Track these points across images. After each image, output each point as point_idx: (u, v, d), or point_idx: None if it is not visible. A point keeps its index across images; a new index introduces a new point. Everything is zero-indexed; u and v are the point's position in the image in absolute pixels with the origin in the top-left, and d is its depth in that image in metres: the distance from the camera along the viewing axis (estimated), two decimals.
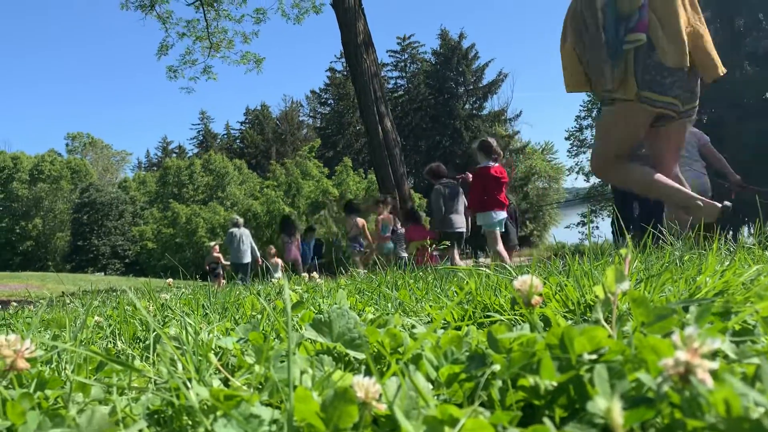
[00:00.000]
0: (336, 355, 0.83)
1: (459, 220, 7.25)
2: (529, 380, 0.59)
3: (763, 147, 19.46)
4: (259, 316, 1.26)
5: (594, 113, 38.61)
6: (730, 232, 2.57)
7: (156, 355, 0.96)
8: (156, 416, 0.68)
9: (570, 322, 0.92)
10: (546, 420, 0.50)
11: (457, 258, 6.97)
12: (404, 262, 2.91)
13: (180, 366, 0.77)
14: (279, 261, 11.06)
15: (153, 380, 0.78)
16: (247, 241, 11.08)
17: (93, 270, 43.42)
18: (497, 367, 0.63)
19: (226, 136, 61.17)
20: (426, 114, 45.93)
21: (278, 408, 0.64)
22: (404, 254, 8.20)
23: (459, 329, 1.05)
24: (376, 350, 0.83)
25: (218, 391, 0.61)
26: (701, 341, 0.47)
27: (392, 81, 50.82)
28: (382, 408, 0.55)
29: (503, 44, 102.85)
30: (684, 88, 2.75)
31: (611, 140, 2.90)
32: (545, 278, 1.25)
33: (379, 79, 14.20)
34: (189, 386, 0.64)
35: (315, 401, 0.55)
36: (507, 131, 44.23)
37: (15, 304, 4.14)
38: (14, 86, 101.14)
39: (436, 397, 0.66)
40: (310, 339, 0.85)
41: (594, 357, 0.60)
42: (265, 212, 36.63)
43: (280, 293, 2.12)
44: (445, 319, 1.14)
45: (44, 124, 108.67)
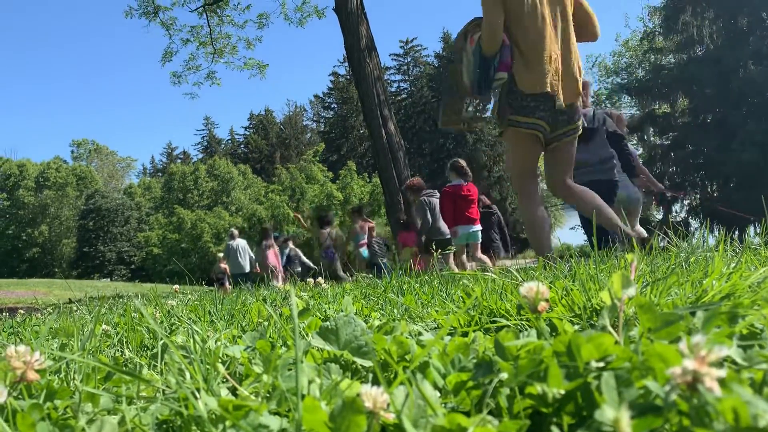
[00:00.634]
0: (343, 363, 0.83)
1: (446, 227, 7.52)
2: (537, 388, 0.59)
3: None
4: (266, 324, 1.26)
5: None
6: (736, 232, 2.57)
7: (164, 364, 0.96)
8: (165, 426, 0.69)
9: (576, 328, 0.92)
10: (554, 428, 0.50)
11: (465, 259, 7.13)
12: (377, 270, 3.01)
13: (188, 375, 0.77)
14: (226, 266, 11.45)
15: (161, 390, 0.79)
16: (245, 252, 11.37)
17: (99, 276, 43.54)
18: (505, 375, 0.63)
19: (231, 142, 61.41)
20: (429, 117, 45.96)
21: (286, 417, 0.65)
22: (382, 261, 8.59)
23: (465, 335, 1.05)
24: (383, 358, 0.83)
25: (227, 401, 0.61)
26: (708, 349, 0.47)
27: (395, 84, 50.97)
28: (390, 417, 0.55)
29: None
30: (549, 111, 3.09)
31: (512, 161, 3.34)
32: (551, 282, 1.25)
33: (383, 83, 14.21)
34: (197, 396, 0.64)
35: (323, 411, 0.55)
36: None
37: (22, 312, 4.16)
38: (19, 94, 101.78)
39: (444, 405, 0.66)
40: (318, 347, 0.85)
41: (601, 364, 0.60)
42: (270, 217, 36.75)
43: (286, 299, 2.13)
44: (452, 325, 1.14)
45: (49, 132, 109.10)
